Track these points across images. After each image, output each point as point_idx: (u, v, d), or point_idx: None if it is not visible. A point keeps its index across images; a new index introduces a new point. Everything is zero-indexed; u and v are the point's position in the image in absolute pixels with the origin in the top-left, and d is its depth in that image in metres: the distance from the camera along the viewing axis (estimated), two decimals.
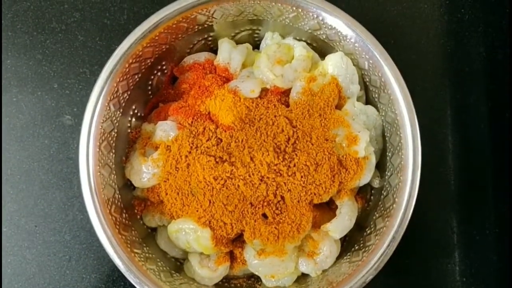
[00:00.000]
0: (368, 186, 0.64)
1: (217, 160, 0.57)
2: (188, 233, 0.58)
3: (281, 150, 0.57)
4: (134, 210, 0.62)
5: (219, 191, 0.56)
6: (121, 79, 0.58)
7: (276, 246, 0.57)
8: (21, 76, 0.71)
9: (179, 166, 0.58)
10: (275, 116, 0.59)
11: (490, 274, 0.71)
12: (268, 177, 0.56)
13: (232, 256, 0.62)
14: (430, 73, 0.73)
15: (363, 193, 0.65)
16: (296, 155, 0.57)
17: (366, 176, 0.60)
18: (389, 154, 0.61)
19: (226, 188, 0.57)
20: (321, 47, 0.64)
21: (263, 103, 0.60)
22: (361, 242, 0.60)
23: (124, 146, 0.62)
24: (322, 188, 0.57)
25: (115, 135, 0.60)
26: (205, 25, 0.62)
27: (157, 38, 0.59)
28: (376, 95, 0.62)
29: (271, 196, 0.57)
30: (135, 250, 0.57)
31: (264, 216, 0.58)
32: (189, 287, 0.59)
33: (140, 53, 0.59)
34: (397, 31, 0.73)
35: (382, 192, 0.61)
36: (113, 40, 0.71)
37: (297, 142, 0.58)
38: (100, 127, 0.57)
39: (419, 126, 0.57)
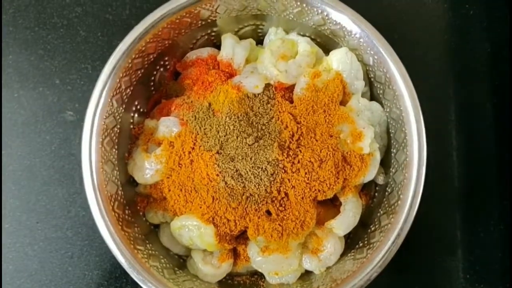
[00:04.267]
0: (373, 183, 0.63)
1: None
2: (191, 229, 0.57)
3: (285, 147, 0.57)
4: (137, 206, 0.62)
5: (222, 188, 0.56)
6: (124, 74, 0.58)
7: (280, 243, 0.57)
8: (22, 72, 0.70)
9: (182, 162, 0.58)
10: (279, 112, 0.58)
11: (494, 271, 0.71)
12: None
13: (235, 253, 0.62)
14: (434, 69, 0.72)
15: (368, 190, 0.65)
16: (300, 151, 0.57)
17: (371, 172, 0.59)
18: (394, 151, 0.61)
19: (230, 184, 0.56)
20: (326, 43, 0.63)
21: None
22: (366, 239, 0.60)
23: (126, 142, 0.62)
24: (326, 184, 0.57)
25: (118, 131, 0.59)
26: (209, 20, 0.61)
27: (160, 33, 0.58)
28: (381, 91, 0.61)
29: (275, 192, 0.56)
30: (138, 247, 0.57)
31: (268, 212, 0.57)
32: (192, 284, 0.59)
33: (143, 48, 0.58)
34: (402, 27, 0.72)
35: (387, 189, 0.61)
36: (115, 36, 0.71)
37: (301, 138, 0.57)
38: (103, 122, 0.57)
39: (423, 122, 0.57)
